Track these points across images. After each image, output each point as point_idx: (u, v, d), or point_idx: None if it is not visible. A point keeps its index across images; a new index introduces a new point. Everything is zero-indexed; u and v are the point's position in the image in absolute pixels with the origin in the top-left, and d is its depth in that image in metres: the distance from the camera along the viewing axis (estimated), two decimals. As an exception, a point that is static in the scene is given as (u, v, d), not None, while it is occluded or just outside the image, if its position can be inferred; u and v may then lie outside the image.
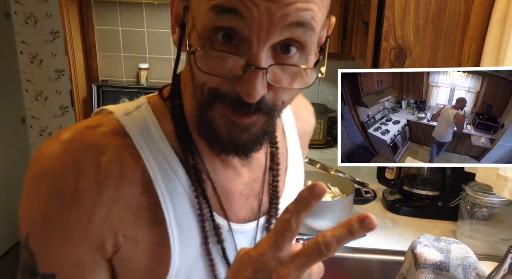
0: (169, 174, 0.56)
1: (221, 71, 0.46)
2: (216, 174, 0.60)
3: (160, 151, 0.56)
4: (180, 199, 0.56)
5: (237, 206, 0.62)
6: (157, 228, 0.55)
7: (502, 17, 1.06)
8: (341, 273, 1.21)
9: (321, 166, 1.41)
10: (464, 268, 0.95)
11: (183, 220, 0.56)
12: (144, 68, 2.38)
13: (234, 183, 0.62)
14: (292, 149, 0.72)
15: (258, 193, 0.65)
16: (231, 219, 0.61)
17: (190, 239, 0.57)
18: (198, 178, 0.58)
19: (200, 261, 0.59)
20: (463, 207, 1.23)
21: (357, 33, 1.64)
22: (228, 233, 0.61)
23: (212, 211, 0.59)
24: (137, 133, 0.55)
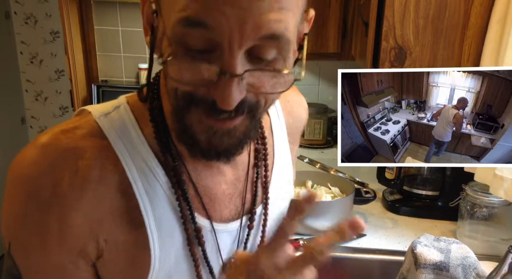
0: (149, 176, 0.55)
1: (194, 79, 0.45)
2: (197, 175, 0.59)
3: (139, 153, 0.55)
4: (160, 201, 0.55)
5: (220, 205, 0.61)
6: (137, 232, 0.54)
7: (502, 17, 1.06)
8: (341, 273, 1.21)
9: (321, 166, 1.41)
10: (464, 268, 0.95)
11: (163, 223, 0.55)
12: (144, 68, 2.38)
13: (217, 183, 0.61)
14: (279, 146, 0.70)
15: (242, 192, 0.64)
16: (215, 219, 0.60)
17: (171, 242, 0.56)
18: (178, 180, 0.56)
19: (182, 263, 0.58)
20: (463, 207, 1.23)
21: (357, 33, 1.64)
22: (211, 233, 0.60)
23: (193, 212, 0.57)
24: (115, 135, 0.54)
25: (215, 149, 0.51)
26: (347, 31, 1.85)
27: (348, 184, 1.37)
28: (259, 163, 0.65)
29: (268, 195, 0.66)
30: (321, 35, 1.86)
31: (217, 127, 0.48)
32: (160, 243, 0.55)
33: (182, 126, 0.50)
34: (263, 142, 0.66)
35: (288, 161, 0.71)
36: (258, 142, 0.66)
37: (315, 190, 1.41)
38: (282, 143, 0.70)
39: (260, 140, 0.66)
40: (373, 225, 1.35)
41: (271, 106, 0.52)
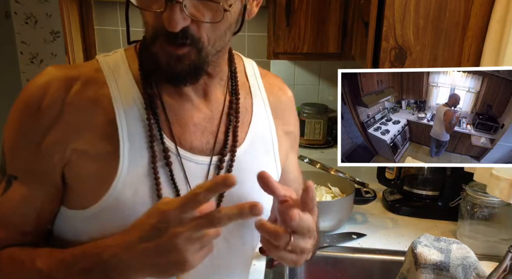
0: (128, 98, 0.66)
1: (148, 6, 0.59)
2: (171, 104, 0.69)
3: (124, 82, 0.67)
4: (134, 119, 0.65)
5: (190, 135, 0.69)
6: (110, 143, 0.64)
7: (502, 18, 1.06)
8: (341, 273, 1.21)
9: (321, 166, 1.41)
10: (464, 268, 0.95)
11: (135, 138, 0.65)
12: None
13: (189, 115, 0.70)
14: (258, 111, 0.77)
15: (215, 131, 0.71)
16: (183, 146, 0.68)
17: (139, 157, 0.65)
18: (151, 103, 0.66)
19: (146, 179, 0.65)
20: (463, 207, 1.23)
21: (357, 33, 1.64)
22: (176, 157, 0.68)
23: (162, 133, 0.66)
24: (107, 68, 0.68)
25: (171, 72, 0.62)
26: (347, 31, 1.85)
27: (348, 184, 1.37)
28: (231, 112, 0.73)
29: (236, 147, 0.72)
30: (321, 35, 1.87)
31: (171, 51, 0.60)
32: (130, 155, 0.64)
33: (151, 55, 0.63)
34: (237, 97, 0.75)
35: (269, 132, 0.78)
36: (233, 95, 0.75)
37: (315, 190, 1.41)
38: (261, 110, 0.78)
39: (234, 95, 0.75)
40: (373, 225, 1.35)
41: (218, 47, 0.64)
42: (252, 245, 0.79)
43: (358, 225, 1.35)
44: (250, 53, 2.28)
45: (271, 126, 0.79)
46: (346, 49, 1.88)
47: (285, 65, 2.27)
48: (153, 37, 0.61)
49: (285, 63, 2.27)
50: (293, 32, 1.86)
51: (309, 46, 1.88)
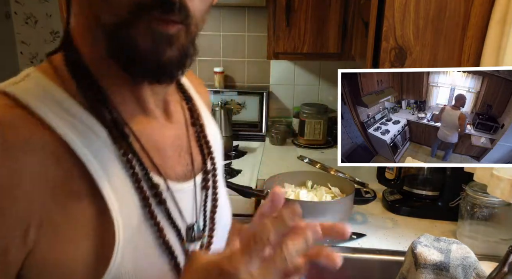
0: (87, 135, 0.49)
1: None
2: (140, 127, 0.54)
3: (68, 112, 0.49)
4: (106, 160, 0.49)
5: (171, 161, 0.57)
6: (90, 200, 0.48)
7: (502, 18, 1.06)
8: (341, 273, 1.21)
9: (321, 166, 1.41)
10: (464, 268, 0.95)
11: (117, 183, 0.50)
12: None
13: (162, 136, 0.57)
14: (203, 110, 0.69)
15: (188, 148, 0.61)
16: (169, 177, 0.56)
17: (129, 204, 0.51)
18: (120, 133, 0.51)
19: (144, 227, 0.52)
20: (463, 207, 1.23)
21: (357, 33, 1.64)
22: (167, 193, 0.55)
23: (146, 168, 0.53)
24: (34, 99, 0.47)
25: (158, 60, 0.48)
26: (347, 31, 1.85)
27: (348, 184, 1.37)
28: (195, 121, 0.65)
29: (213, 153, 0.65)
30: (321, 35, 1.87)
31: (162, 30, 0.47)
32: (120, 206, 0.49)
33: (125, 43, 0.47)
34: (193, 102, 0.66)
35: (216, 133, 0.71)
36: (189, 102, 0.66)
37: (315, 190, 1.41)
38: (203, 109, 0.70)
39: (190, 100, 0.66)
40: (373, 225, 1.35)
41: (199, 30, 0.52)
42: None
43: (358, 225, 1.35)
44: (250, 53, 2.28)
45: (214, 124, 0.72)
46: (346, 49, 1.88)
47: (285, 65, 2.28)
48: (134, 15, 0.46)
49: (285, 63, 2.27)
50: (293, 32, 1.86)
51: (309, 46, 1.88)
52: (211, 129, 0.69)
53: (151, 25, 0.46)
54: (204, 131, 0.66)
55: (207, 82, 2.30)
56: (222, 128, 2.07)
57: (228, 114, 2.09)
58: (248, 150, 2.15)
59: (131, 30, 0.47)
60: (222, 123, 2.07)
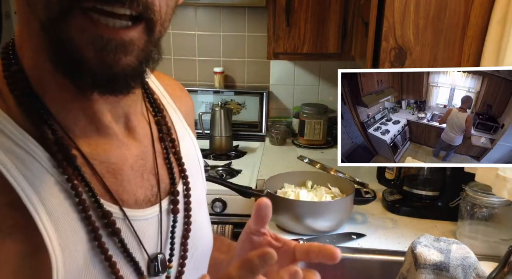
0: (24, 158, 0.42)
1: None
2: (92, 148, 0.47)
3: (3, 133, 0.42)
4: (46, 187, 0.43)
5: (131, 184, 0.50)
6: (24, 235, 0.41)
7: (502, 18, 1.06)
8: (341, 273, 1.21)
9: (321, 166, 1.41)
10: (464, 268, 0.95)
11: (58, 214, 0.43)
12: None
13: (122, 157, 0.50)
14: (177, 123, 0.62)
15: (153, 168, 0.54)
16: (127, 204, 0.49)
17: (73, 239, 0.44)
18: (65, 156, 0.44)
19: (93, 264, 0.45)
20: (463, 207, 1.23)
21: (357, 33, 1.64)
22: (123, 222, 0.48)
23: (95, 195, 0.46)
24: None
25: (109, 69, 0.40)
26: (347, 31, 1.85)
27: (348, 184, 1.37)
28: (164, 136, 0.57)
29: (186, 172, 0.57)
30: (321, 35, 1.87)
31: (108, 35, 0.39)
32: (60, 241, 0.43)
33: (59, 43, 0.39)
34: (162, 115, 0.58)
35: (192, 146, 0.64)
36: (157, 114, 0.58)
37: (315, 190, 1.41)
38: (178, 120, 0.62)
39: (159, 112, 0.58)
40: (373, 225, 1.35)
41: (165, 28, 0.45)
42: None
43: (358, 225, 1.35)
44: (250, 53, 2.28)
45: (191, 137, 0.64)
46: (346, 49, 1.88)
47: (285, 65, 2.28)
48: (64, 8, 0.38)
49: (285, 63, 2.27)
50: (293, 32, 1.86)
51: (309, 46, 1.88)
52: (187, 144, 0.61)
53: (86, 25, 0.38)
54: (176, 147, 0.58)
55: (207, 82, 2.30)
56: (222, 128, 2.07)
57: (228, 114, 2.09)
58: (248, 150, 2.15)
59: (62, 26, 0.39)
60: (222, 123, 2.07)
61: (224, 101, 2.25)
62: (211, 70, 2.27)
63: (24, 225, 0.41)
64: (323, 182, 1.43)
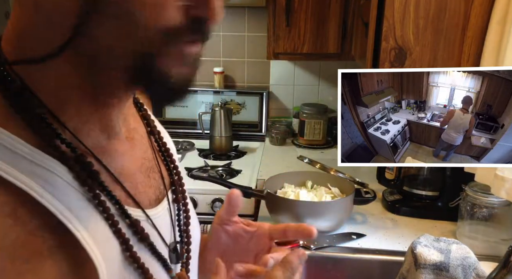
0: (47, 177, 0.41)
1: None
2: (108, 157, 0.48)
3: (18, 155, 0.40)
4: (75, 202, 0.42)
5: (143, 186, 0.52)
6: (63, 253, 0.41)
7: (502, 18, 1.06)
8: (341, 273, 1.21)
9: (321, 166, 1.41)
10: (464, 268, 0.95)
11: (92, 228, 0.43)
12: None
13: (131, 160, 0.51)
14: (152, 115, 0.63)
15: (155, 165, 0.56)
16: (144, 205, 0.51)
17: (110, 250, 0.45)
18: (89, 174, 0.44)
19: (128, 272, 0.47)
20: (463, 207, 1.23)
21: (357, 34, 1.64)
22: (147, 222, 0.50)
23: (122, 207, 0.47)
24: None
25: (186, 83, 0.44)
26: (347, 31, 1.85)
27: (348, 184, 1.37)
28: (152, 130, 0.58)
29: (175, 163, 0.59)
30: (321, 35, 1.87)
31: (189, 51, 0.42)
32: (102, 253, 0.43)
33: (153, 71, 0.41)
34: (145, 108, 0.59)
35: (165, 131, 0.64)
36: (141, 109, 0.59)
37: (315, 190, 1.41)
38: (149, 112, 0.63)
39: (142, 107, 0.59)
40: (373, 225, 1.35)
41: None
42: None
43: (357, 225, 1.35)
44: (250, 53, 2.28)
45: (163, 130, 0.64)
46: (346, 49, 1.88)
47: (285, 65, 2.28)
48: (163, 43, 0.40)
49: (285, 63, 2.27)
50: (293, 32, 1.87)
51: (309, 46, 1.88)
52: (165, 134, 0.63)
53: (182, 50, 0.42)
54: (162, 139, 0.60)
55: (207, 82, 2.30)
56: (222, 128, 2.07)
57: (228, 114, 2.09)
58: (248, 150, 2.15)
59: (163, 59, 0.41)
60: (222, 123, 2.07)
61: (224, 101, 2.25)
62: (211, 70, 2.27)
63: (64, 244, 0.41)
64: (323, 182, 1.43)
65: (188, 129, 2.26)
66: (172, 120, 2.26)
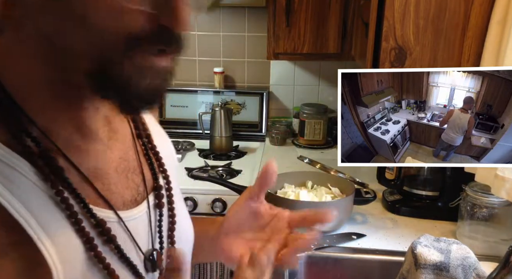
0: (8, 174, 0.41)
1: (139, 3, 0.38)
2: (79, 156, 0.47)
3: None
4: (36, 201, 0.42)
5: (117, 187, 0.51)
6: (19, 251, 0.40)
7: (502, 18, 1.06)
8: (341, 273, 1.21)
9: (321, 166, 1.41)
10: (464, 268, 0.95)
11: (52, 228, 0.42)
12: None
13: (106, 160, 0.50)
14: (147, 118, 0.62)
15: (137, 166, 0.55)
16: (117, 206, 0.49)
17: (71, 251, 0.44)
18: (53, 169, 0.43)
19: (91, 273, 0.45)
20: (463, 207, 1.23)
21: (357, 34, 1.64)
22: (118, 224, 0.49)
23: (87, 205, 0.45)
24: None
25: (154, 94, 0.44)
26: (347, 31, 1.85)
27: (348, 184, 1.37)
28: (141, 133, 0.58)
29: (164, 166, 0.59)
30: (321, 36, 1.87)
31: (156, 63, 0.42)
32: (59, 254, 0.42)
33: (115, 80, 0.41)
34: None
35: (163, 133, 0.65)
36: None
37: (315, 190, 1.41)
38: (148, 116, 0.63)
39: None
40: (373, 226, 1.35)
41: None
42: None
43: (358, 225, 1.35)
44: (250, 54, 2.28)
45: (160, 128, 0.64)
46: (346, 49, 1.88)
47: (285, 65, 2.28)
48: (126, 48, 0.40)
49: (285, 63, 2.27)
50: (293, 32, 1.86)
51: (309, 46, 1.88)
52: (160, 139, 0.62)
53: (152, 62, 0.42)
54: (152, 142, 0.59)
55: (207, 82, 2.30)
56: (222, 128, 2.07)
57: (228, 114, 2.09)
58: (248, 150, 2.15)
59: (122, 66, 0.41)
60: (222, 123, 2.07)
61: (224, 101, 2.25)
62: (211, 70, 2.27)
63: (20, 243, 0.40)
64: (323, 182, 1.43)
65: (188, 129, 2.26)
66: (172, 120, 2.26)
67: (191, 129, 2.26)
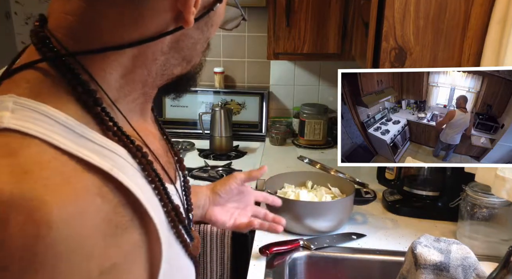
0: (118, 162, 0.45)
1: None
2: (147, 138, 0.53)
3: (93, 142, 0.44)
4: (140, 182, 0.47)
5: (167, 164, 0.57)
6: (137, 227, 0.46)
7: (502, 18, 1.06)
8: (341, 273, 1.21)
9: (321, 166, 1.41)
10: (464, 268, 0.95)
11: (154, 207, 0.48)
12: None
13: (158, 143, 0.58)
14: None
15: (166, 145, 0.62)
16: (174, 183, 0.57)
17: (165, 227, 0.50)
18: (143, 155, 0.49)
19: (173, 246, 0.53)
20: (463, 207, 1.22)
21: (357, 34, 1.64)
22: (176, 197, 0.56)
23: (164, 184, 0.51)
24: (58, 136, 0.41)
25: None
26: (347, 31, 1.85)
27: (348, 184, 1.37)
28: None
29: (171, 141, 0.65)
30: (321, 36, 1.87)
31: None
32: (161, 229, 0.48)
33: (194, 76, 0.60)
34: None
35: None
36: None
37: (315, 190, 1.41)
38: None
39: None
40: (373, 226, 1.35)
41: None
42: None
43: (358, 225, 1.35)
44: (250, 54, 2.28)
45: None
46: (346, 49, 1.88)
47: (285, 65, 2.28)
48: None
49: (285, 63, 2.27)
50: (293, 32, 1.86)
51: (309, 46, 1.88)
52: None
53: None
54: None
55: (207, 82, 2.30)
56: (222, 128, 2.07)
57: (228, 114, 2.09)
58: (248, 150, 2.15)
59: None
60: (222, 123, 2.07)
61: (224, 101, 2.25)
62: (211, 70, 2.27)
63: (135, 217, 0.46)
64: (323, 182, 1.43)
65: (188, 129, 2.26)
66: (172, 120, 2.26)
67: (191, 129, 2.26)
